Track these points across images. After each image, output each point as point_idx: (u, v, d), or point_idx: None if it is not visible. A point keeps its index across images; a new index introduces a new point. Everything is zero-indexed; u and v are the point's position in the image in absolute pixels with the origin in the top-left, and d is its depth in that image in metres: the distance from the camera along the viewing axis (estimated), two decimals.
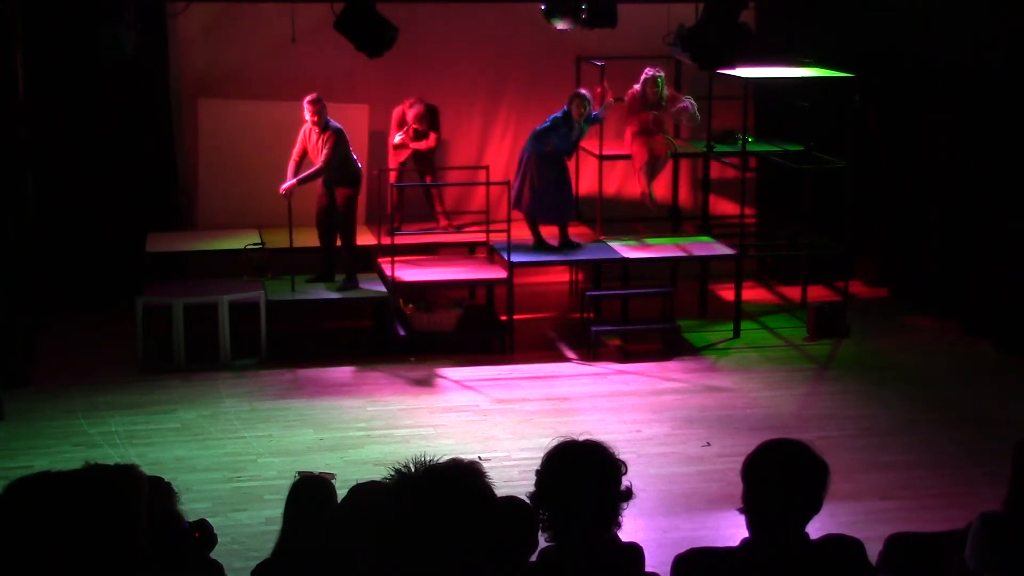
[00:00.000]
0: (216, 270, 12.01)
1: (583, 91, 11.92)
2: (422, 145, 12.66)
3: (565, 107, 11.80)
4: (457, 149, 13.55)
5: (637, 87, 12.29)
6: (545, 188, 11.83)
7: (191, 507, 7.26)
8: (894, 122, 13.21)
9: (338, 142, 11.35)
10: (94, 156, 12.35)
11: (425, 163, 12.82)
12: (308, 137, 11.52)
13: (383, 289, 11.72)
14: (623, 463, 3.60)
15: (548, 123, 11.79)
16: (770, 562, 3.60)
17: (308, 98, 11.32)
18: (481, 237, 12.50)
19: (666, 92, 12.32)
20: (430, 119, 12.63)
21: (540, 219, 12.09)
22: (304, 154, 11.60)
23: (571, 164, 12.37)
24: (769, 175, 13.69)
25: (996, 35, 11.68)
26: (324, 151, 11.34)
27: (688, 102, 12.30)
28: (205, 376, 10.85)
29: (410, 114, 12.51)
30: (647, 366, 11.27)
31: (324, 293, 11.76)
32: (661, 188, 13.20)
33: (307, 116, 11.40)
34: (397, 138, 12.63)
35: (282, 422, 9.86)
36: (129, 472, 3.08)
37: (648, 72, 12.22)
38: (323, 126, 11.36)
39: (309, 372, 10.99)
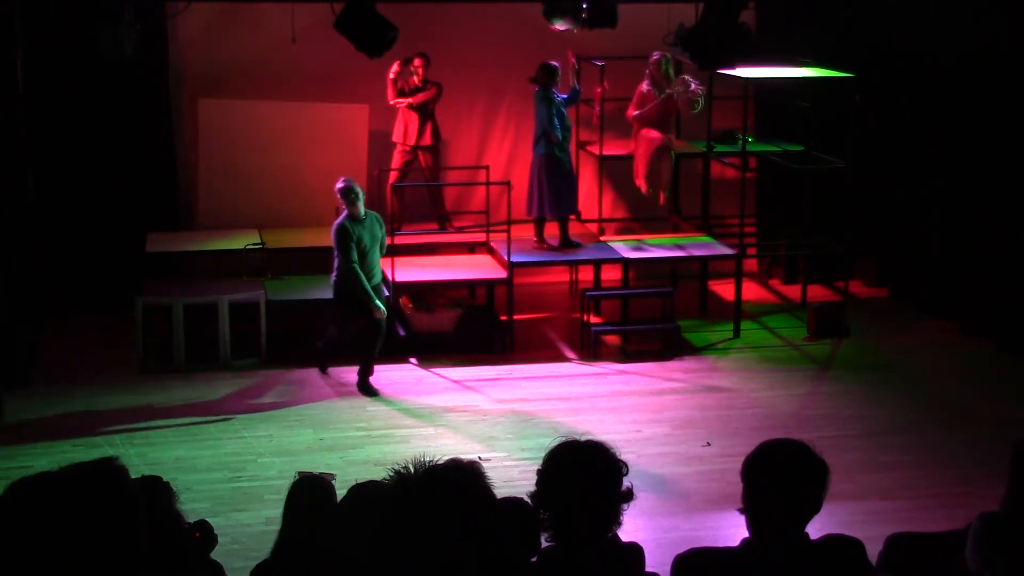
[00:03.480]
0: (216, 270, 12.01)
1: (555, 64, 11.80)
2: (428, 94, 12.58)
3: (540, 89, 11.70)
4: (457, 149, 13.55)
5: (645, 84, 12.25)
6: (557, 185, 11.84)
7: (191, 507, 7.26)
8: (894, 122, 13.21)
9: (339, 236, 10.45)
10: (94, 156, 12.35)
11: (431, 157, 12.77)
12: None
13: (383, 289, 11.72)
14: (624, 463, 3.60)
15: (544, 113, 11.70)
16: (770, 562, 3.60)
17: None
18: (481, 237, 12.50)
19: (672, 71, 12.28)
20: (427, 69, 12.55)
21: (549, 216, 12.08)
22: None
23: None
24: (769, 175, 13.70)
25: (996, 35, 11.67)
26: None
27: (695, 83, 12.24)
28: (205, 376, 10.85)
29: (416, 78, 12.46)
30: (647, 366, 11.26)
31: (324, 293, 11.75)
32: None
33: None
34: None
35: (282, 422, 9.86)
36: (112, 467, 3.07)
37: (656, 55, 12.19)
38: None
39: (309, 372, 10.99)
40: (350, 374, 10.92)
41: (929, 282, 12.77)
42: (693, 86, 12.15)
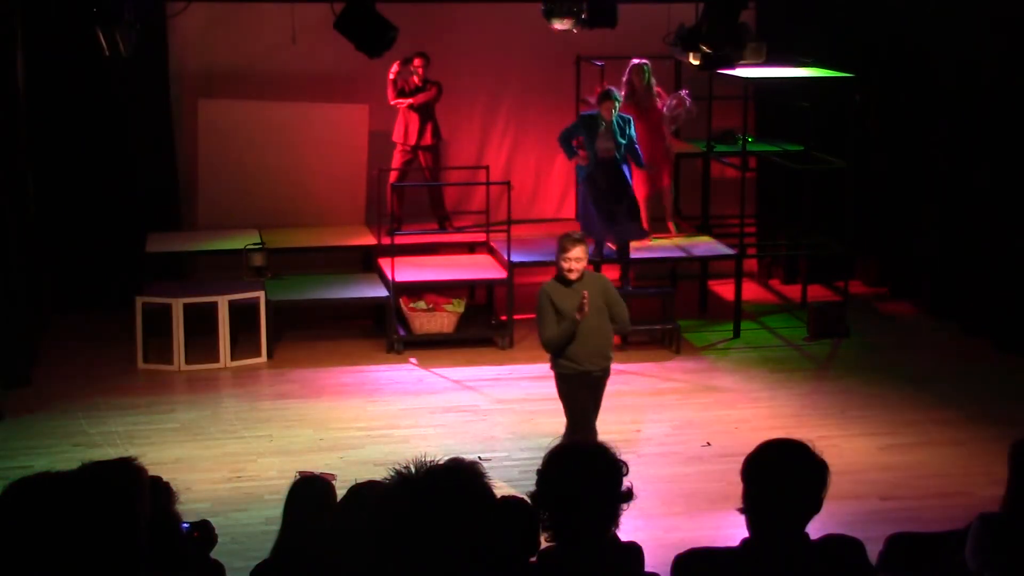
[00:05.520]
0: (216, 270, 12.01)
1: (612, 89, 11.55)
2: (428, 95, 12.54)
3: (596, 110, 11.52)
4: (457, 149, 13.54)
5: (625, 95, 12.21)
6: (596, 204, 11.50)
7: (191, 507, 7.28)
8: (894, 122, 13.20)
9: None
10: (94, 156, 12.35)
11: (432, 156, 12.76)
12: None
13: (383, 289, 11.73)
14: (624, 463, 3.60)
15: (572, 125, 11.65)
16: (770, 562, 3.60)
17: None
18: (481, 237, 12.50)
19: (653, 81, 12.26)
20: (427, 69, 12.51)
21: (597, 236, 11.56)
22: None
23: (571, 164, 12.32)
24: (769, 175, 13.69)
25: (996, 35, 11.67)
26: None
27: (685, 95, 12.23)
28: (205, 376, 10.85)
29: (416, 77, 12.43)
30: (647, 366, 11.26)
31: (324, 293, 11.77)
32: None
33: None
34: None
35: (282, 422, 9.86)
36: (128, 466, 3.07)
37: (634, 62, 12.18)
38: None
39: (309, 372, 10.99)
40: (349, 374, 10.92)
41: (929, 282, 12.77)
42: (688, 103, 12.15)
